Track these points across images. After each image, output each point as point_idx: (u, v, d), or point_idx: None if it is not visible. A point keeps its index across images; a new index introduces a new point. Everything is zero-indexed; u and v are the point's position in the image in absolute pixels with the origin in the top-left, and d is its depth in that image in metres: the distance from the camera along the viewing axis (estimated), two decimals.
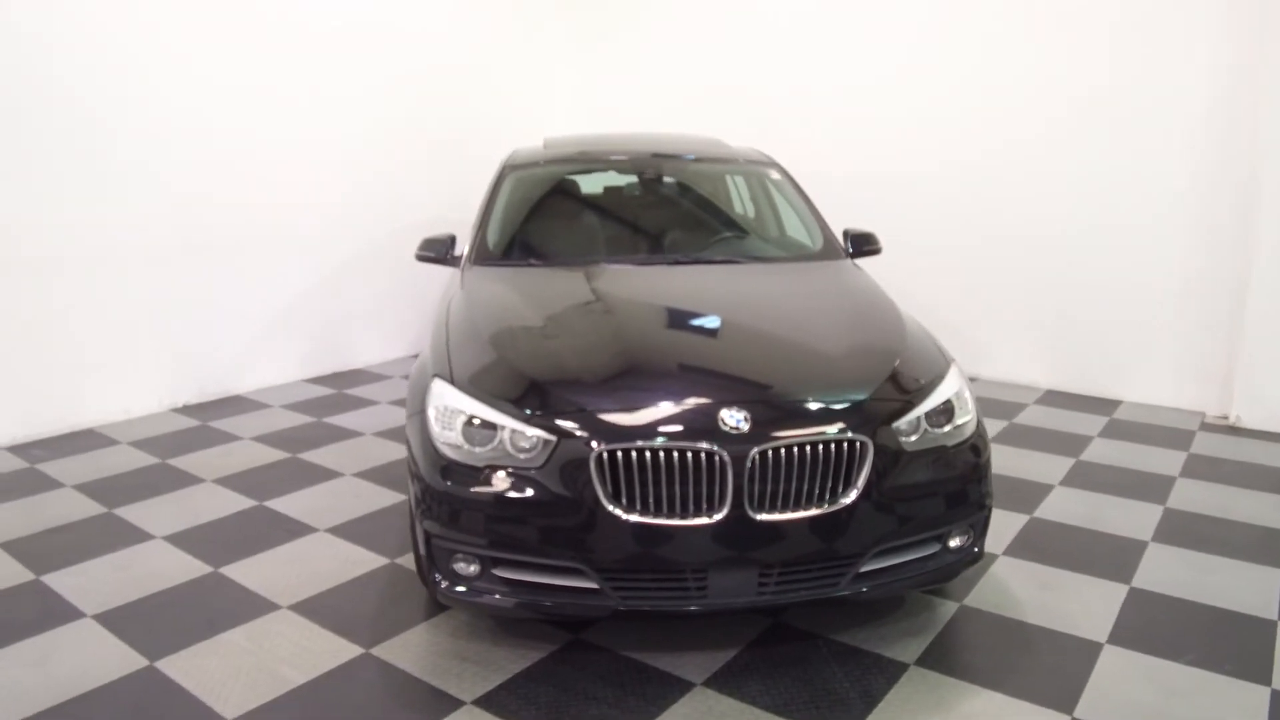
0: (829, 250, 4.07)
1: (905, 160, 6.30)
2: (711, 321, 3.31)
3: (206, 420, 5.24)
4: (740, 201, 4.50)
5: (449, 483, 2.67)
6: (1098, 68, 5.44)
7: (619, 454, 2.54)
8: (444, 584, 2.75)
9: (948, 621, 3.07)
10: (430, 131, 6.75)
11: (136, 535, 3.73)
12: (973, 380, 6.15)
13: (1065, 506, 4.03)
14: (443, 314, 3.45)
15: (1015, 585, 3.33)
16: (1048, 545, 3.65)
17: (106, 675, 2.75)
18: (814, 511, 2.59)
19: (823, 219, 4.26)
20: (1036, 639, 2.97)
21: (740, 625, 3.03)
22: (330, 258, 6.28)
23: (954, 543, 2.87)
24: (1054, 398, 5.75)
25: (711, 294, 3.53)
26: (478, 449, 2.68)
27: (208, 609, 3.16)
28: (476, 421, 2.71)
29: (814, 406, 2.73)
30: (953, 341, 6.20)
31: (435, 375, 2.93)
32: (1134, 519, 3.90)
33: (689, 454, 2.54)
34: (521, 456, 2.64)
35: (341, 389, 5.96)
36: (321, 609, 3.17)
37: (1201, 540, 3.69)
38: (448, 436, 2.74)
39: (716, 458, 2.54)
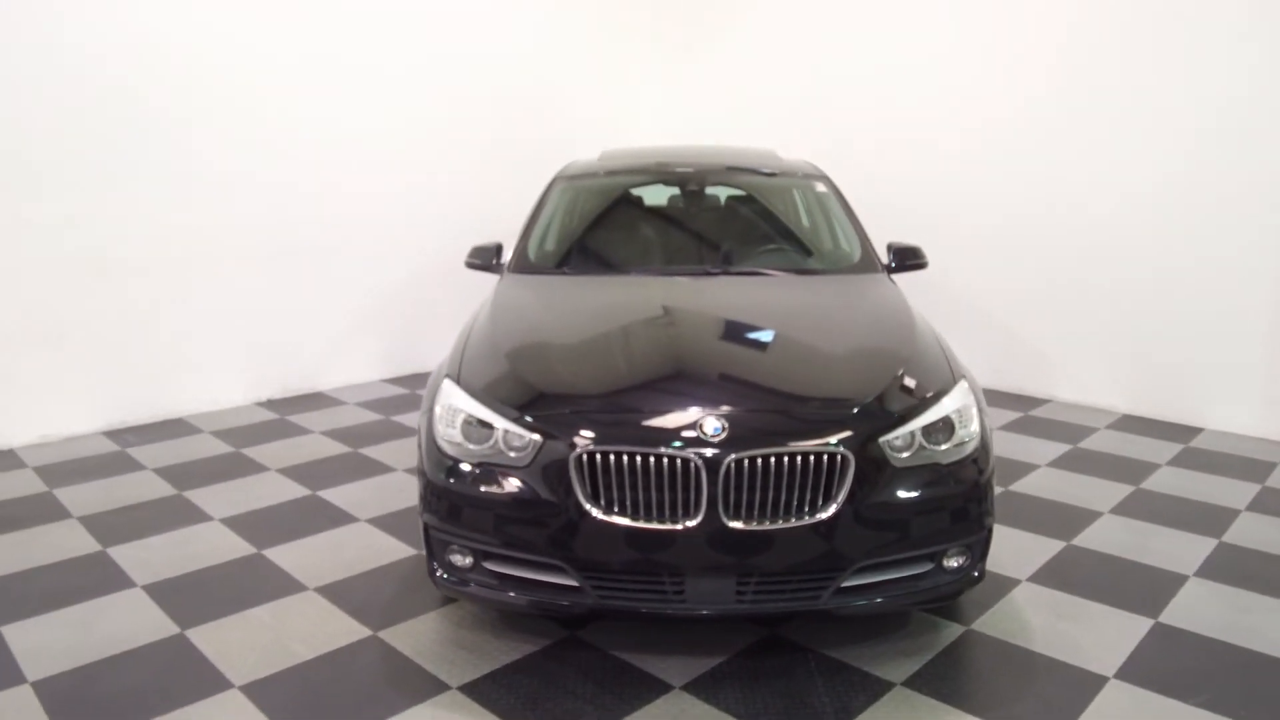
0: (864, 264, 4.03)
1: (986, 173, 6.13)
2: (719, 332, 3.35)
3: (284, 414, 5.61)
4: (780, 214, 4.49)
5: (445, 478, 2.82)
6: (1186, 79, 5.17)
7: (597, 456, 2.62)
8: (440, 574, 2.89)
9: (949, 644, 3.00)
10: (517, 143, 6.98)
11: (198, 516, 4.05)
12: (1047, 402, 5.92)
13: (1108, 535, 3.85)
14: (471, 318, 3.62)
15: (1031, 612, 3.21)
16: (1077, 574, 3.50)
17: (139, 640, 3.02)
18: (791, 523, 2.60)
19: (863, 232, 4.21)
20: (1038, 669, 2.87)
21: (734, 634, 3.05)
22: (412, 262, 6.59)
23: (950, 563, 2.81)
24: (1130, 423, 5.46)
25: (728, 306, 3.56)
26: (474, 447, 2.81)
27: (243, 586, 3.41)
28: (475, 421, 2.84)
29: (797, 418, 2.74)
30: (1029, 362, 6.04)
31: (446, 376, 3.08)
32: (1181, 552, 3.69)
33: (665, 459, 2.59)
34: (513, 455, 2.75)
35: (415, 389, 6.25)
36: (343, 592, 3.37)
37: (1250, 578, 3.46)
38: (449, 434, 2.88)
39: (692, 464, 2.58)
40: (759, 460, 2.59)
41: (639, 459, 2.61)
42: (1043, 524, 3.95)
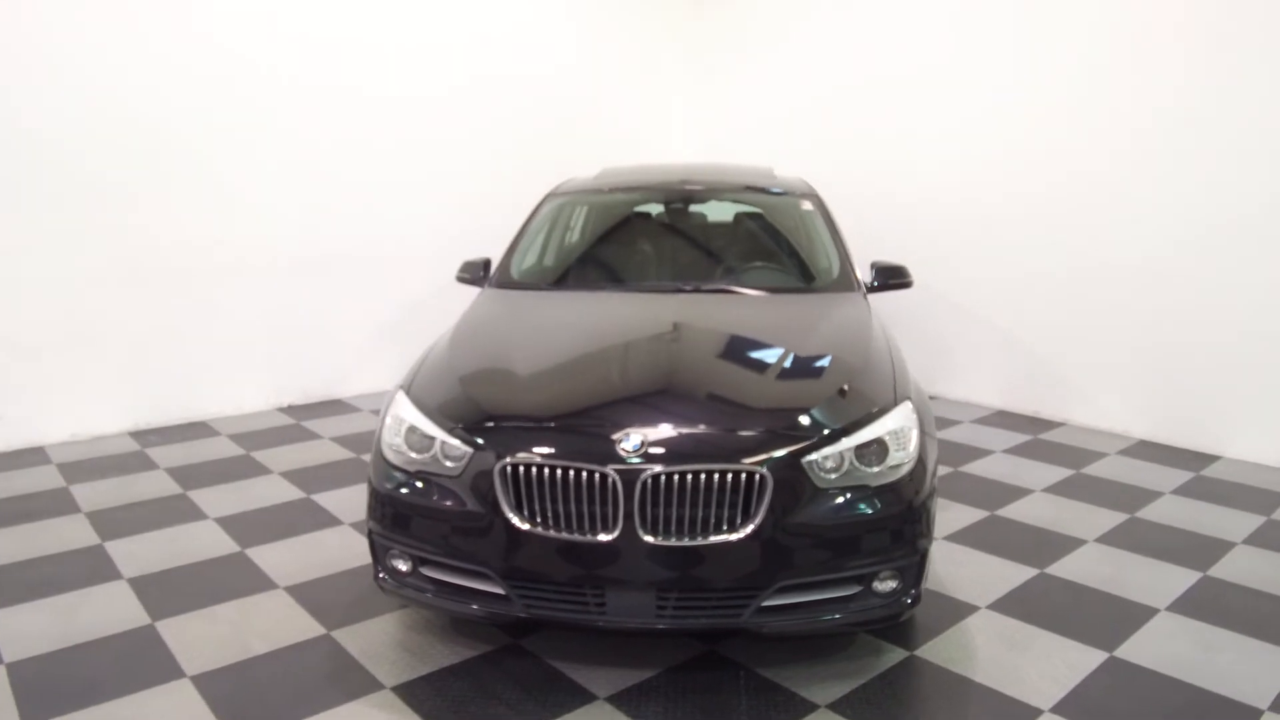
0: (840, 283, 4.01)
1: (1006, 189, 6.02)
2: (665, 351, 3.37)
3: (300, 420, 5.83)
4: (761, 232, 4.49)
5: (387, 485, 2.93)
6: (1199, 100, 5.00)
7: (520, 469, 2.70)
8: (383, 578, 3.00)
9: (887, 669, 2.97)
10: (543, 158, 7.07)
11: (195, 515, 4.26)
12: (1060, 426, 5.76)
13: (1086, 565, 3.74)
14: (443, 332, 3.73)
15: (982, 641, 3.15)
16: (1041, 603, 3.41)
17: (112, 629, 3.21)
18: (708, 540, 2.62)
19: (844, 251, 4.19)
20: (971, 698, 2.82)
21: (674, 649, 3.07)
22: (435, 275, 6.73)
23: (882, 586, 2.79)
24: (1144, 449, 5.28)
25: (685, 325, 3.58)
26: (415, 455, 2.91)
27: (219, 582, 3.58)
28: (418, 432, 2.95)
29: (720, 436, 2.76)
30: (1045, 384, 5.89)
31: (400, 388, 3.20)
32: (1158, 584, 3.57)
33: (584, 473, 2.65)
34: (449, 465, 2.84)
35: None
36: (310, 592, 3.51)
37: (1225, 615, 3.32)
38: (394, 443, 2.99)
39: (610, 479, 2.63)
40: (675, 477, 2.62)
41: (559, 472, 2.67)
42: (1018, 551, 3.86)
